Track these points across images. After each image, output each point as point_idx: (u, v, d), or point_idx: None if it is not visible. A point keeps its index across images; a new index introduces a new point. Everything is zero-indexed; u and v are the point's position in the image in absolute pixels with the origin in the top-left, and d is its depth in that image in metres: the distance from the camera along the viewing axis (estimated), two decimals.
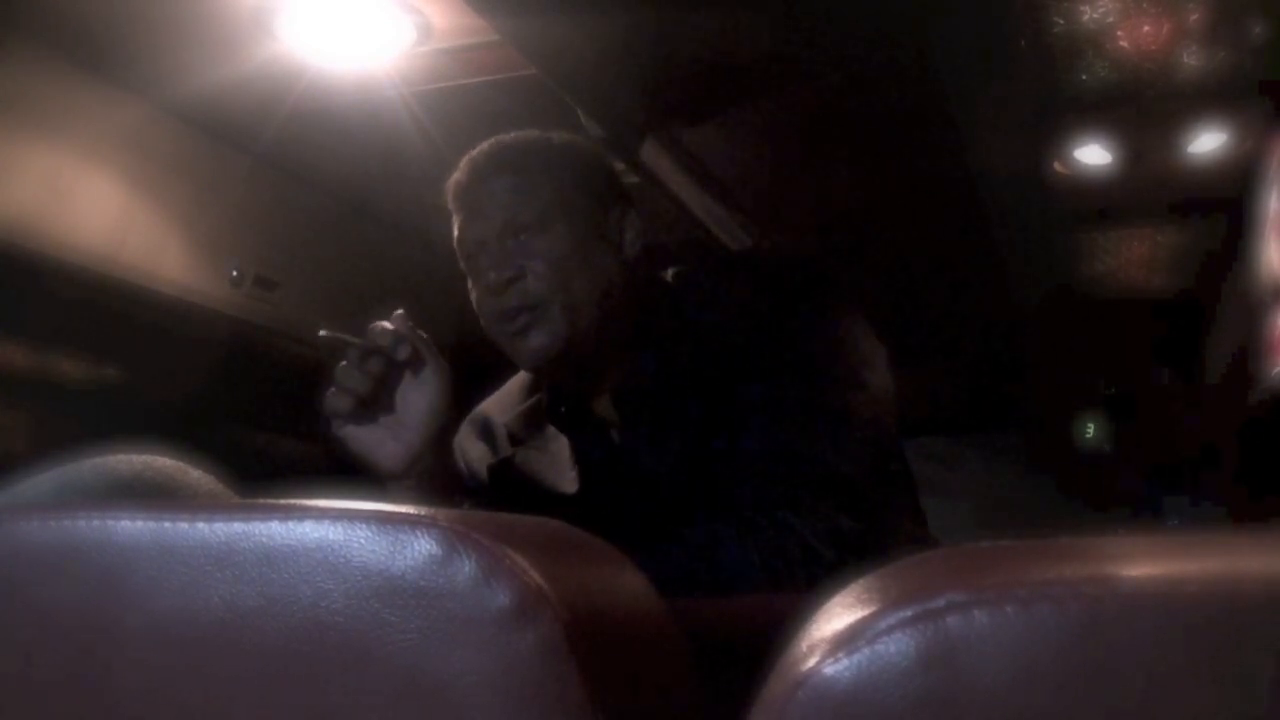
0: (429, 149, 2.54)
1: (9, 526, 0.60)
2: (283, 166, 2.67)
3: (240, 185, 2.63)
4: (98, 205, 2.31)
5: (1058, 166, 2.46)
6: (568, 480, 1.53)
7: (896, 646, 0.38)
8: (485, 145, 1.53)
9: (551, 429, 1.58)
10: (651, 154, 2.39)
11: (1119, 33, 1.97)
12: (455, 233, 1.53)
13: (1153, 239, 2.92)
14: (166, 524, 0.55)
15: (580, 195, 1.50)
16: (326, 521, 0.52)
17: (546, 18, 1.92)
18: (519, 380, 1.68)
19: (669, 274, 1.57)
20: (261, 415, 3.09)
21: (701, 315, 1.46)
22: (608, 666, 0.49)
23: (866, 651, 0.38)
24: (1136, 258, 3.02)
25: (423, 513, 0.52)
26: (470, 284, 1.54)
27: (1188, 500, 4.29)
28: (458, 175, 1.52)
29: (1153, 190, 2.57)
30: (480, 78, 2.27)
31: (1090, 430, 4.28)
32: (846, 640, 0.39)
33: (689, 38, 1.99)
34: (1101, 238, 2.90)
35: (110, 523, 0.56)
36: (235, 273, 2.63)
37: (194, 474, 0.81)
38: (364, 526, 0.51)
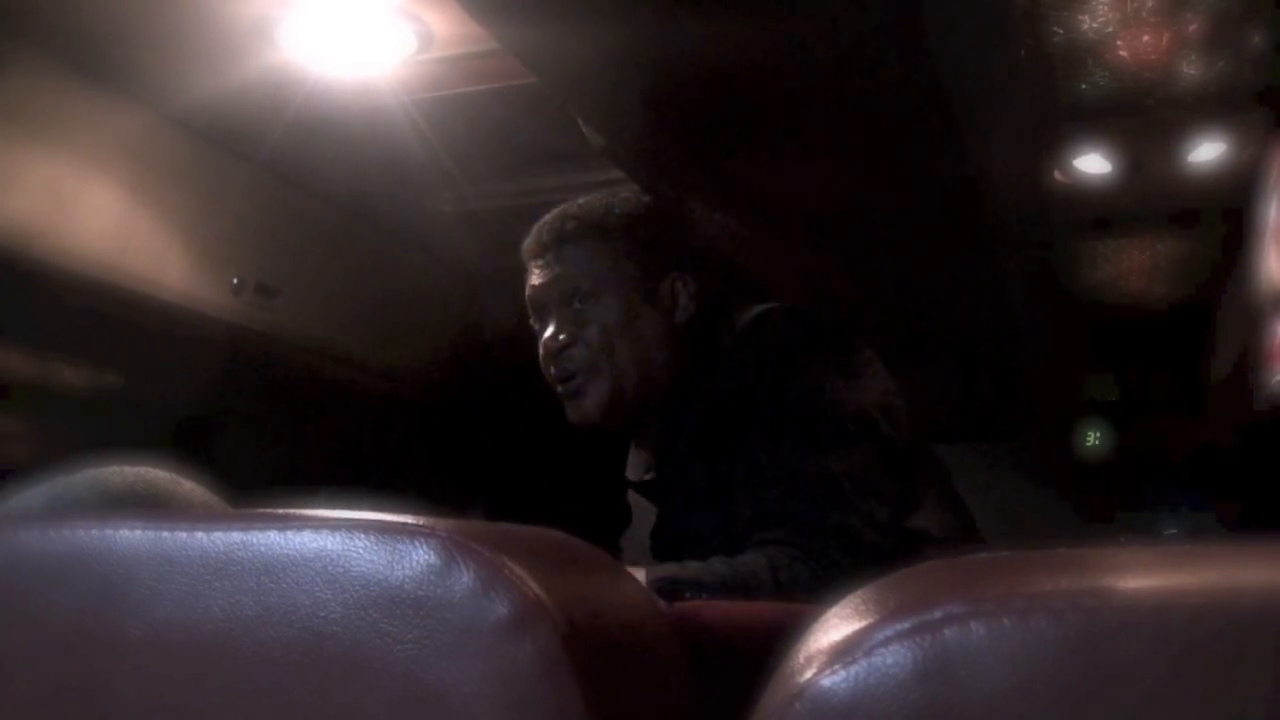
0: (430, 156, 2.54)
1: (8, 536, 0.60)
2: (284, 174, 2.68)
3: (242, 193, 2.63)
4: (100, 213, 2.32)
5: (1058, 175, 2.46)
6: None
7: (893, 658, 0.38)
8: (552, 214, 1.66)
9: None
10: (651, 161, 2.40)
11: (1118, 42, 1.97)
12: (526, 288, 1.67)
13: (1153, 247, 2.92)
14: (165, 534, 0.55)
15: (633, 264, 1.62)
16: (325, 531, 0.52)
17: (547, 26, 1.92)
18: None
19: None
20: (261, 421, 3.10)
21: (718, 382, 1.56)
22: (606, 676, 0.49)
23: (864, 663, 0.38)
24: (1137, 266, 3.02)
25: (421, 523, 0.52)
26: (537, 331, 1.67)
27: (1186, 509, 4.29)
28: (528, 240, 1.67)
29: (1153, 199, 2.57)
30: (481, 86, 2.28)
31: (1091, 438, 4.27)
32: (844, 652, 0.39)
33: (691, 48, 1.99)
34: (1102, 246, 2.90)
35: (110, 532, 0.56)
36: (236, 280, 2.64)
37: (186, 485, 0.81)
38: (362, 536, 0.51)
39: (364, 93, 2.26)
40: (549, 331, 1.62)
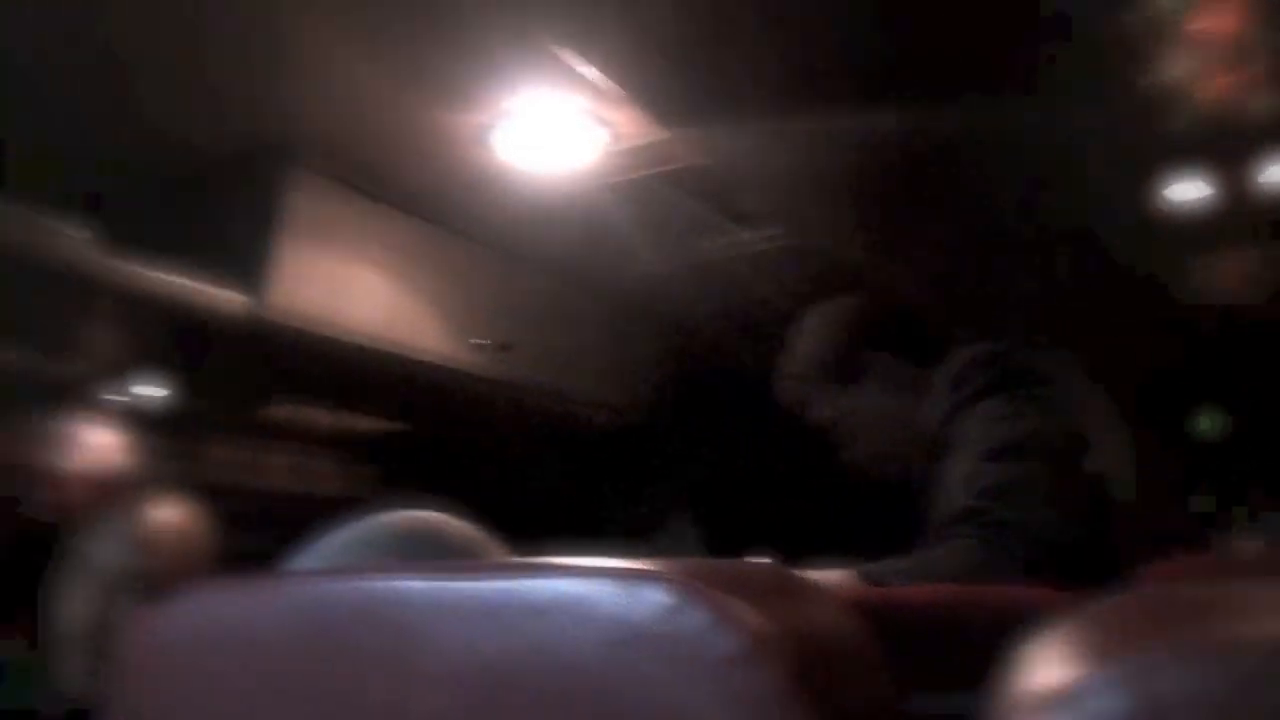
0: (621, 228, 2.55)
1: (321, 586, 0.60)
2: (508, 251, 2.72)
3: (478, 269, 2.69)
4: (369, 296, 2.40)
5: (1163, 198, 2.35)
6: None
7: (1106, 704, 0.32)
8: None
9: None
10: (799, 219, 2.36)
11: (1204, 86, 1.89)
12: None
13: (1254, 258, 2.73)
14: (445, 583, 0.54)
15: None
16: (575, 578, 0.50)
17: (709, 121, 1.94)
18: None
19: None
20: (501, 448, 3.16)
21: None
22: (829, 701, 0.46)
23: (1076, 710, 0.33)
24: (1234, 275, 2.82)
25: (653, 567, 0.50)
26: None
27: None
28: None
29: (1244, 214, 2.40)
30: (657, 168, 2.27)
31: (1208, 423, 3.93)
32: (1054, 698, 0.33)
33: (809, 138, 2.00)
34: (1203, 258, 2.73)
35: (398, 584, 0.55)
36: (478, 340, 2.69)
37: (455, 524, 0.81)
38: (607, 582, 0.49)
39: (566, 181, 2.28)
40: None
